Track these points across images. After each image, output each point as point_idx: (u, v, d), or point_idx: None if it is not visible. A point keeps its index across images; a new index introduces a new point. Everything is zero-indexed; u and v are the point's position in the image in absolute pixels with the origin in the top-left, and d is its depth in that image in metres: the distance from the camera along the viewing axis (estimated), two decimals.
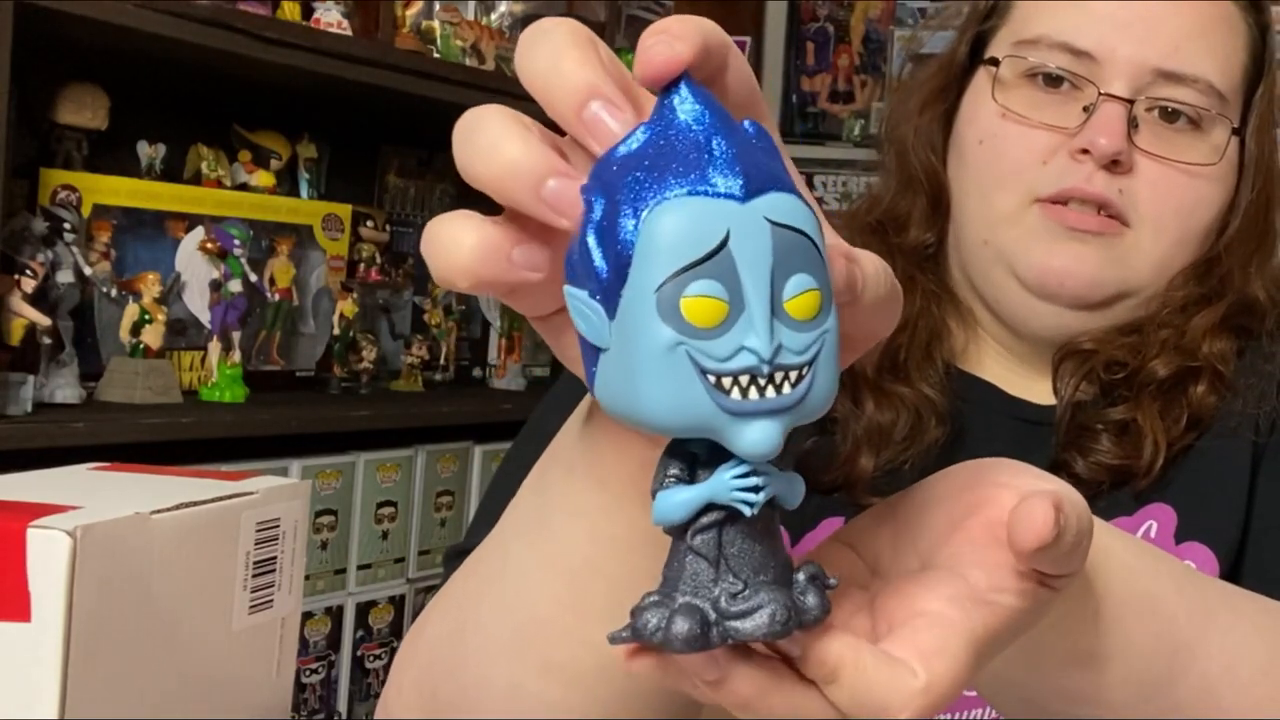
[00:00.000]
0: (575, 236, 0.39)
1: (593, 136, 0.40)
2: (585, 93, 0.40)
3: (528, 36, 0.43)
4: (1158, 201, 0.90)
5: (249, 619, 0.65)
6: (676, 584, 0.41)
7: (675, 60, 0.40)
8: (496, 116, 0.42)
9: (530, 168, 0.40)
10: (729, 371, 0.38)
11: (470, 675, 0.59)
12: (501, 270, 0.42)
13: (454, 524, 2.26)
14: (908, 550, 0.50)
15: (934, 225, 0.96)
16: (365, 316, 2.29)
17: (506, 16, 2.48)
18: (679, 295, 0.37)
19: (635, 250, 0.38)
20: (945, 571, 0.47)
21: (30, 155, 1.84)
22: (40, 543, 0.52)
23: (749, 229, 0.38)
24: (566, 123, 0.41)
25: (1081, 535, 0.47)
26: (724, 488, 0.40)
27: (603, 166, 0.39)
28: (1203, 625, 0.59)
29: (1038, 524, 0.45)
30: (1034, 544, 0.45)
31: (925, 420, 0.89)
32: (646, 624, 0.40)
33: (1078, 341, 0.91)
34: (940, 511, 0.49)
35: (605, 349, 0.39)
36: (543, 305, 0.46)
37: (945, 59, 0.98)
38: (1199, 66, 0.89)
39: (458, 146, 0.43)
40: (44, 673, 0.52)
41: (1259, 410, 0.90)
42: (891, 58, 3.22)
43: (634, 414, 0.39)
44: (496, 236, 0.42)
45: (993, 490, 0.48)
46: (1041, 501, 0.45)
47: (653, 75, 0.40)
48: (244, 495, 0.64)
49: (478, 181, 0.42)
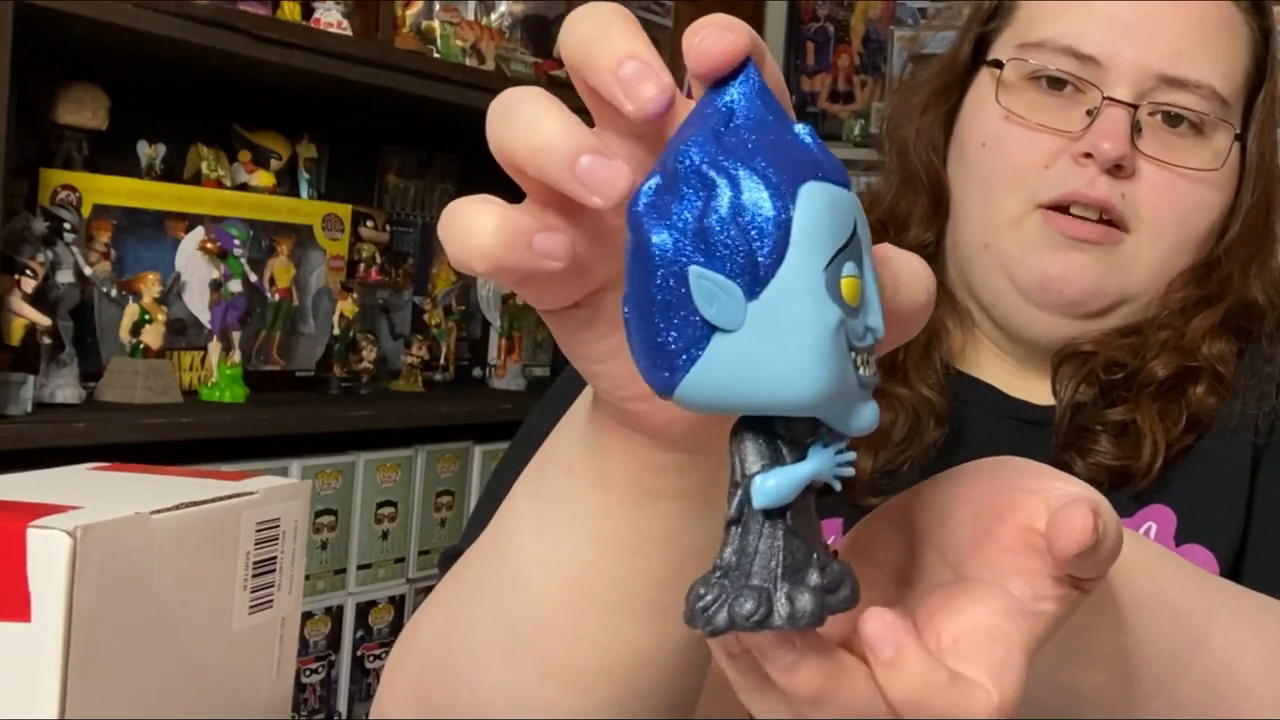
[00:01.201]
0: (687, 215, 0.39)
1: (627, 97, 0.40)
2: (624, 54, 0.40)
3: (574, 14, 0.43)
4: (1159, 207, 0.90)
5: (249, 619, 0.65)
6: (770, 564, 0.40)
7: (735, 49, 0.40)
8: (536, 94, 0.42)
9: (567, 143, 0.40)
10: (860, 349, 0.39)
11: (465, 677, 0.59)
12: (521, 256, 0.41)
13: (454, 524, 2.27)
14: (933, 559, 0.49)
15: (934, 225, 0.96)
16: (365, 316, 2.29)
17: (506, 16, 2.48)
18: (839, 276, 0.38)
19: (792, 232, 0.38)
20: (988, 585, 0.46)
21: (30, 155, 1.84)
22: (40, 543, 0.52)
23: (859, 215, 0.40)
24: (602, 83, 0.41)
25: (1117, 538, 0.47)
26: (829, 463, 0.41)
27: (703, 146, 0.39)
28: (1205, 623, 0.59)
29: (1077, 530, 0.45)
30: (1075, 549, 0.45)
31: (924, 421, 0.89)
32: (771, 609, 0.39)
33: (1077, 343, 0.91)
34: (964, 517, 0.49)
35: (732, 330, 0.38)
36: (553, 298, 0.45)
37: (948, 59, 0.98)
38: (1202, 71, 0.89)
39: (494, 123, 0.43)
40: (44, 673, 0.52)
41: (1259, 411, 0.90)
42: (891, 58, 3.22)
43: (770, 394, 0.38)
44: (519, 221, 0.41)
45: (1020, 495, 0.48)
46: (1080, 508, 0.45)
47: (711, 67, 0.40)
48: (244, 495, 0.64)
49: (512, 157, 0.42)
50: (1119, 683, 0.55)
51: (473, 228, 0.42)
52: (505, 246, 0.41)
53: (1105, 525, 0.46)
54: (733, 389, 0.39)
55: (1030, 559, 0.46)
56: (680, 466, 0.51)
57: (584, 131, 0.41)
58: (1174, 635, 0.57)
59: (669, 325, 0.39)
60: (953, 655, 0.44)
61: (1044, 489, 0.48)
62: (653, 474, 0.51)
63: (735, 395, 0.39)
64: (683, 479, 0.51)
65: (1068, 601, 0.47)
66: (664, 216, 0.38)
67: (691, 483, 0.51)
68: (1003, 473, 0.50)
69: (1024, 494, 0.48)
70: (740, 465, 0.41)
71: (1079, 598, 0.47)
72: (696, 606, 0.40)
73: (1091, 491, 0.48)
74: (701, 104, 0.40)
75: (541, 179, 0.41)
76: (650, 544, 0.53)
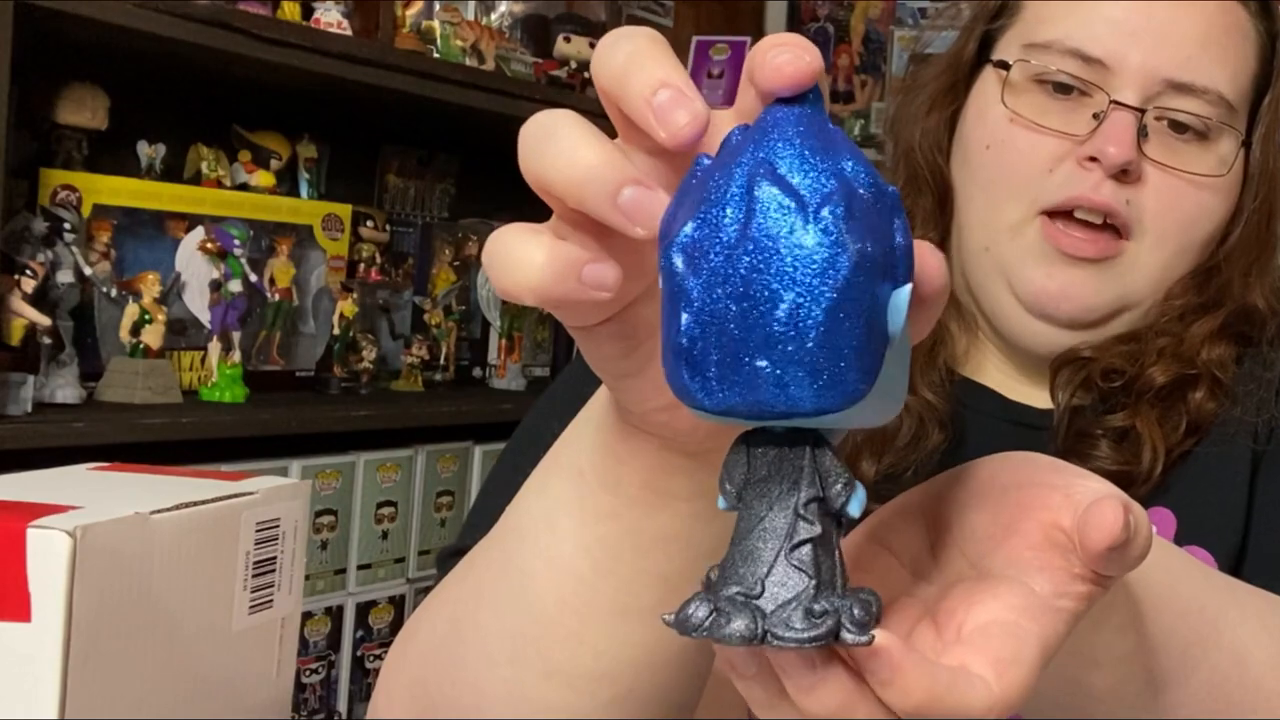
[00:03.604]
0: (896, 238, 0.40)
1: (661, 125, 0.40)
2: (658, 83, 0.40)
3: (607, 38, 0.43)
4: (1163, 212, 0.89)
5: (249, 619, 0.65)
6: (832, 577, 0.41)
7: (809, 70, 0.39)
8: (571, 122, 0.42)
9: (609, 175, 0.40)
10: None
11: (468, 678, 0.59)
12: (571, 289, 0.42)
13: (454, 524, 2.26)
14: (953, 553, 0.49)
15: (938, 225, 0.95)
16: (365, 316, 2.29)
17: (506, 16, 2.48)
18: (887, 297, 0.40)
19: None
20: (1009, 580, 0.46)
21: (30, 155, 1.84)
22: (40, 543, 0.52)
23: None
24: (635, 110, 0.41)
25: (1148, 535, 0.47)
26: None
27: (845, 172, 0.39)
28: (1215, 619, 0.59)
29: (1110, 526, 0.45)
30: (1108, 544, 0.45)
31: (927, 427, 0.89)
32: (822, 623, 0.40)
33: (1075, 348, 0.91)
34: (985, 512, 0.49)
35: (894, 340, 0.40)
36: (589, 316, 0.45)
37: (952, 57, 0.97)
38: (1210, 77, 0.88)
39: (527, 152, 0.42)
40: (44, 673, 0.52)
41: (1258, 418, 0.89)
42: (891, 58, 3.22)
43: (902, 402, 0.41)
44: (568, 254, 0.42)
45: (1043, 491, 0.48)
46: (1112, 503, 0.45)
47: (784, 85, 0.39)
48: (244, 495, 0.64)
49: (549, 187, 0.42)
50: (1130, 679, 0.55)
51: (521, 260, 0.42)
52: (555, 280, 0.41)
53: (1136, 521, 0.46)
54: (894, 394, 0.41)
55: (1053, 555, 0.46)
56: (692, 468, 0.51)
57: (623, 162, 0.41)
58: (1184, 631, 0.57)
59: (863, 336, 0.39)
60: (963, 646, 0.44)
61: (1068, 484, 0.48)
62: (665, 476, 0.51)
63: (897, 401, 0.41)
64: (693, 480, 0.51)
65: (1088, 598, 0.47)
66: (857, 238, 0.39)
67: (701, 484, 0.51)
68: (1024, 468, 0.50)
69: (1048, 489, 0.48)
70: (806, 481, 0.41)
71: (1099, 594, 0.47)
72: (709, 617, 0.40)
73: (1115, 489, 0.48)
74: (769, 119, 0.40)
75: (581, 209, 0.41)
76: (658, 545, 0.53)
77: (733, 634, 0.39)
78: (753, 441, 0.41)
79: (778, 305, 0.38)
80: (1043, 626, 0.45)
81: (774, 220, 0.38)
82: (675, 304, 0.39)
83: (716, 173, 0.39)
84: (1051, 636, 0.45)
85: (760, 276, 0.38)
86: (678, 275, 0.39)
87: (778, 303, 0.38)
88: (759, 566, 0.40)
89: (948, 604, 0.46)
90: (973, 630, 0.45)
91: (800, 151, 0.39)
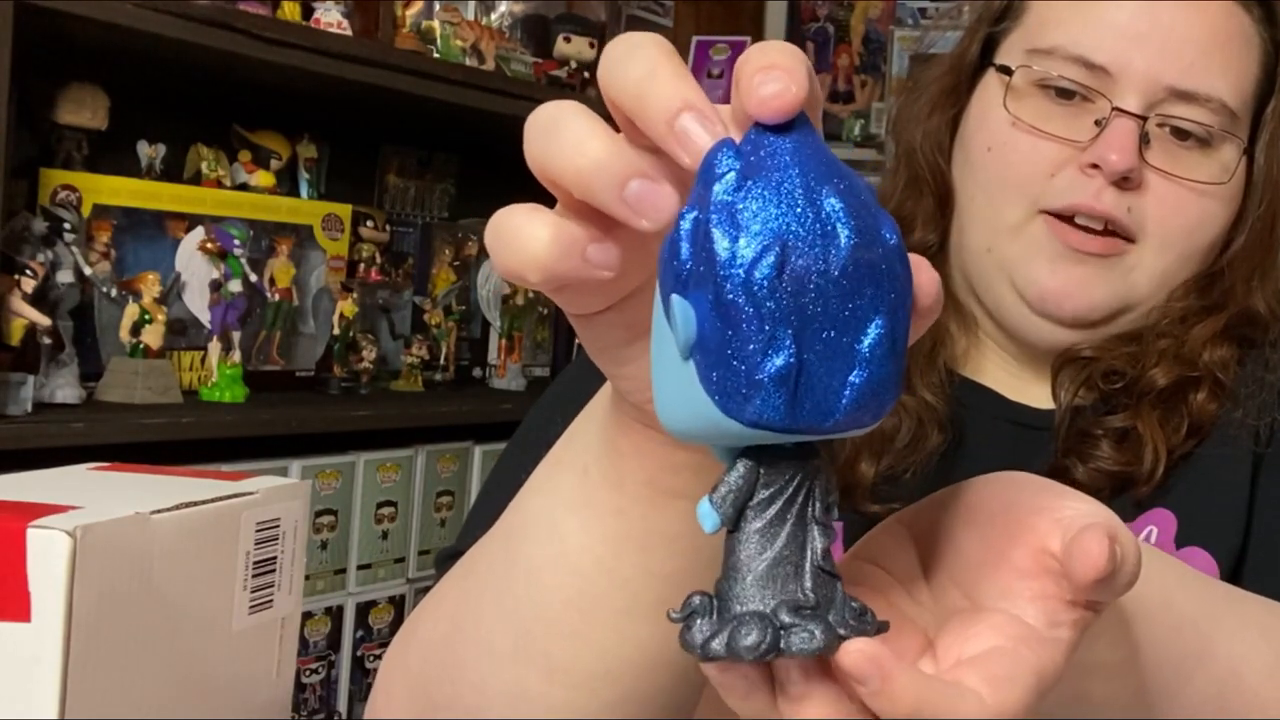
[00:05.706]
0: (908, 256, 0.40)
1: (682, 148, 0.40)
2: (679, 104, 0.40)
3: (616, 49, 0.43)
4: (1165, 220, 0.89)
5: (249, 619, 0.65)
6: (831, 592, 0.41)
7: (795, 103, 0.39)
8: (579, 114, 0.42)
9: (616, 167, 0.40)
10: None
11: (469, 677, 0.59)
12: (575, 266, 0.42)
13: (454, 524, 2.26)
14: (943, 580, 0.49)
15: (939, 226, 0.95)
16: (365, 316, 2.29)
17: (506, 16, 2.48)
18: None
19: None
20: (1003, 615, 0.46)
21: (30, 155, 1.84)
22: (40, 543, 0.52)
23: None
24: (656, 132, 0.41)
25: (1136, 562, 0.47)
26: None
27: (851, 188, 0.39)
28: (1211, 630, 0.59)
29: (1094, 558, 0.45)
30: (1094, 577, 0.45)
31: (927, 427, 0.88)
32: (789, 637, 0.40)
33: (1077, 348, 0.91)
34: (975, 538, 0.49)
35: None
36: (590, 303, 0.46)
37: (955, 59, 0.96)
38: (1213, 85, 0.88)
39: (534, 142, 0.42)
40: (44, 673, 0.52)
41: (1260, 420, 0.89)
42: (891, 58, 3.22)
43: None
44: (573, 232, 0.42)
45: (1031, 517, 0.48)
46: (1096, 534, 0.45)
47: (770, 118, 0.39)
48: (244, 495, 0.64)
49: (557, 178, 0.42)
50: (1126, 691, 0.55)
51: (526, 238, 0.42)
52: (559, 257, 0.41)
53: (1123, 550, 0.46)
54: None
55: (1045, 583, 0.46)
56: (696, 466, 0.51)
57: (630, 153, 0.41)
58: (1179, 642, 0.57)
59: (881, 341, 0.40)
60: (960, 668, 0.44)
61: (1056, 509, 0.48)
62: (669, 473, 0.51)
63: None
64: (698, 478, 0.51)
65: (1081, 625, 0.47)
66: None
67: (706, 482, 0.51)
68: (1010, 491, 0.49)
69: (1036, 514, 0.48)
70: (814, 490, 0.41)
71: (1092, 619, 0.47)
72: (708, 636, 0.41)
73: (1104, 511, 0.48)
74: (752, 144, 0.40)
75: (588, 201, 0.41)
76: (661, 543, 0.53)
77: (806, 645, 0.40)
78: (763, 458, 0.41)
79: (865, 328, 0.38)
80: (1039, 656, 0.45)
81: (841, 247, 0.38)
82: (737, 324, 0.38)
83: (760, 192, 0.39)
84: (1049, 665, 0.45)
85: (843, 302, 0.38)
86: (745, 298, 0.38)
87: (865, 325, 0.38)
88: (800, 578, 0.41)
89: (944, 639, 0.46)
90: (971, 657, 0.45)
91: (828, 180, 0.39)
